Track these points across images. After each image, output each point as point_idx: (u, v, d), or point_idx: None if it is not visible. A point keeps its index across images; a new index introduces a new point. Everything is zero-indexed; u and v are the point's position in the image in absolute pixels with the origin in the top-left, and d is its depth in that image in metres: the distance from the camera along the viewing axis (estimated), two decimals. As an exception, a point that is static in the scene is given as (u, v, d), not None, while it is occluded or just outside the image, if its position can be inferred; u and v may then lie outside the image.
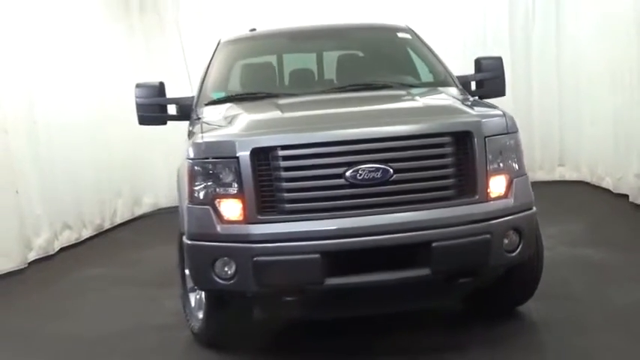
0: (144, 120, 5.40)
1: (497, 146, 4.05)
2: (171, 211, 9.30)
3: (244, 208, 3.90)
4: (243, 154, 3.91)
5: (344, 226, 3.83)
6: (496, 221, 3.98)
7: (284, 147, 3.89)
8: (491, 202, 4.00)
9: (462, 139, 3.99)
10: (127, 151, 9.14)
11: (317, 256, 3.79)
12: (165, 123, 5.44)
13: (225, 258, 3.94)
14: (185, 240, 4.13)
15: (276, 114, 4.37)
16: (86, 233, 8.17)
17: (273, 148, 3.90)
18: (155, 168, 9.64)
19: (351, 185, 3.85)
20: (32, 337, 5.06)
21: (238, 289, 3.95)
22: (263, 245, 3.85)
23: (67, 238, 7.73)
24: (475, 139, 3.98)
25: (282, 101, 4.71)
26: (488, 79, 5.48)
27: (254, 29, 5.99)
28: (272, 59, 5.75)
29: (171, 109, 5.52)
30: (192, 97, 5.35)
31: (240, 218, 3.91)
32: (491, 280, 4.35)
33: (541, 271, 4.55)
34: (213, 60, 5.52)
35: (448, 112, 4.22)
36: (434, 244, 3.84)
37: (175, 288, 5.73)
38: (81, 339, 4.94)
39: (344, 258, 3.83)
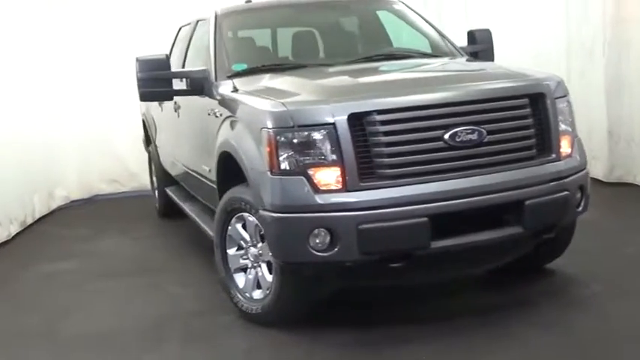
0: (147, 96, 5.07)
1: (562, 107, 4.25)
2: (86, 203, 8.92)
3: (344, 176, 3.80)
4: (340, 120, 3.80)
5: (448, 188, 3.84)
6: (570, 178, 4.17)
7: (382, 111, 3.82)
8: (564, 160, 4.18)
9: (535, 101, 4.12)
10: (40, 144, 8.49)
11: (425, 219, 3.77)
12: (171, 99, 5.13)
13: (323, 229, 3.80)
14: (266, 213, 3.93)
15: (345, 79, 4.29)
16: (14, 229, 7.47)
17: (369, 113, 3.82)
18: (66, 160, 9.04)
19: (450, 147, 3.87)
20: (53, 337, 4.58)
21: (339, 259, 3.84)
22: (368, 212, 3.76)
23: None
24: (548, 101, 4.14)
25: (331, 69, 4.62)
26: (481, 51, 5.68)
27: (249, 1, 5.78)
28: (282, 31, 5.57)
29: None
30: (204, 70, 5.06)
31: (340, 186, 3.80)
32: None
33: (574, 229, 4.79)
34: (218, 32, 5.25)
35: (517, 76, 4.33)
36: (527, 203, 3.95)
37: (168, 274, 5.62)
38: (113, 334, 4.55)
39: (448, 220, 3.84)
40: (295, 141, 3.84)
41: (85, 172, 9.28)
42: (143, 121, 7.89)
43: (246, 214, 4.34)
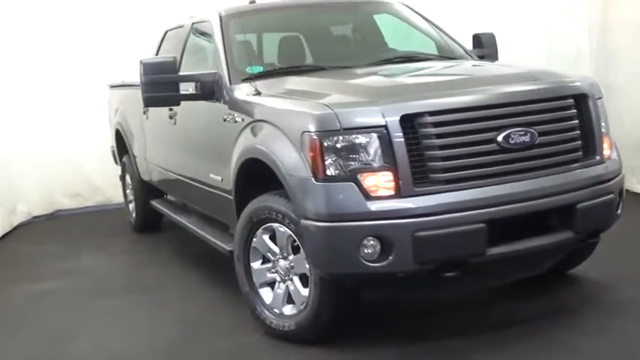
0: (152, 101, 4.76)
1: (601, 109, 4.15)
2: (48, 219, 8.43)
3: (397, 181, 3.58)
4: (392, 121, 3.60)
5: (504, 193, 3.69)
6: (613, 181, 4.08)
7: (436, 112, 3.64)
8: (607, 162, 4.08)
9: (578, 102, 4.02)
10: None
11: (482, 225, 3.60)
12: (178, 104, 4.82)
13: (375, 237, 3.58)
14: (310, 223, 3.69)
15: (382, 80, 4.13)
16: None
17: (421, 114, 3.63)
18: (27, 174, 8.54)
19: (503, 150, 3.72)
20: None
21: (392, 269, 3.62)
22: (425, 219, 3.56)
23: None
24: (590, 102, 4.04)
25: (358, 71, 4.43)
26: (487, 55, 5.59)
27: (253, 1, 5.52)
28: (292, 32, 5.33)
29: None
30: (214, 73, 4.78)
31: (392, 192, 3.59)
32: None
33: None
34: (225, 34, 4.98)
35: (559, 77, 4.21)
36: (578, 206, 3.83)
37: (166, 290, 5.34)
38: (132, 356, 4.20)
39: (504, 225, 3.67)
40: (343, 145, 3.62)
41: (47, 186, 8.80)
42: (117, 131, 7.47)
43: (275, 225, 4.09)
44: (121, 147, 7.60)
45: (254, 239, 4.26)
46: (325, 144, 3.63)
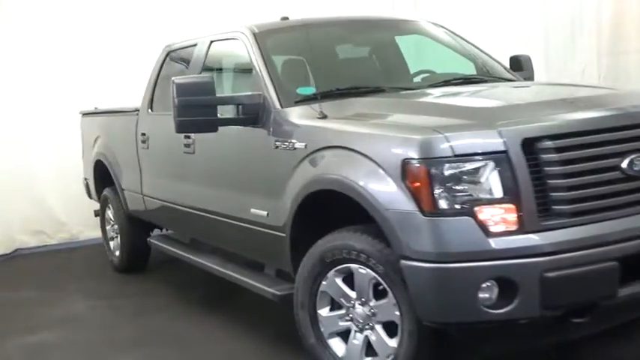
0: (186, 126, 4.21)
1: None
2: (8, 259, 7.60)
3: (520, 214, 3.13)
4: (514, 146, 3.15)
5: (635, 226, 3.28)
6: None
7: (558, 136, 3.22)
8: None
9: None
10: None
11: (614, 263, 3.17)
12: (216, 129, 4.26)
13: (497, 280, 3.11)
14: (416, 264, 3.19)
15: (477, 101, 3.66)
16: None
17: (540, 139, 3.20)
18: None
19: (628, 178, 3.33)
20: None
21: (515, 316, 3.15)
22: (554, 257, 3.11)
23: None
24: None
25: (432, 92, 4.05)
26: (526, 77, 5.28)
27: (286, 18, 5.01)
28: (331, 51, 4.85)
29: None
30: (258, 95, 4.25)
31: (515, 227, 3.13)
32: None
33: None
34: (264, 52, 4.46)
35: None
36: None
37: (190, 344, 4.74)
38: None
39: (634, 263, 3.27)
40: (456, 173, 3.15)
41: (5, 223, 7.96)
42: (99, 162, 6.77)
43: (354, 266, 3.57)
44: (102, 179, 6.90)
45: (323, 282, 3.73)
46: (434, 173, 3.15)
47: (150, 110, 5.83)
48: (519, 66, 5.25)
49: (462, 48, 5.13)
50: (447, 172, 3.15)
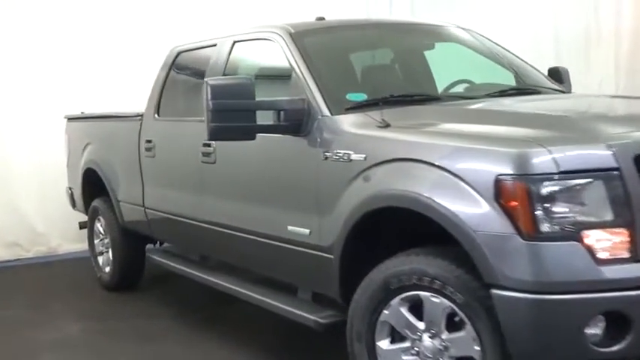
0: (221, 133, 3.76)
1: None
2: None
3: (633, 240, 2.79)
4: (626, 163, 2.81)
5: None
6: None
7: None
8: None
9: None
10: None
11: None
12: (254, 137, 3.82)
13: (608, 314, 2.75)
14: (511, 294, 2.82)
15: (568, 111, 3.34)
16: None
17: None
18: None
19: None
20: None
21: (628, 354, 2.80)
22: (673, 289, 2.77)
23: None
24: None
25: (495, 102, 3.70)
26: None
27: (322, 18, 4.60)
28: (379, 55, 4.46)
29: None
30: (301, 99, 3.83)
31: (627, 254, 2.79)
32: None
33: None
34: (304, 54, 4.05)
35: None
36: None
37: None
38: None
39: None
40: (560, 192, 2.79)
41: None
42: (89, 171, 6.25)
43: (425, 294, 3.18)
44: (91, 189, 6.39)
45: (385, 311, 3.33)
46: (536, 191, 2.78)
47: (157, 115, 5.34)
48: (559, 78, 4.92)
49: (500, 57, 4.78)
50: (550, 191, 2.78)
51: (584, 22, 6.90)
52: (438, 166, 3.08)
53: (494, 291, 2.86)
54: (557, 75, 4.93)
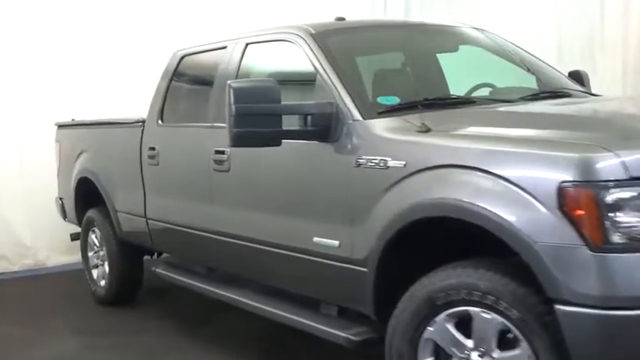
0: (245, 139, 3.53)
1: None
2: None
3: None
4: None
5: None
6: None
7: None
8: None
9: None
10: None
11: None
12: (279, 143, 3.60)
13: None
14: (579, 310, 2.63)
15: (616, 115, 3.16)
16: None
17: None
18: None
19: None
20: None
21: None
22: None
23: None
24: None
25: (536, 106, 3.56)
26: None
27: (342, 18, 4.40)
28: (406, 56, 4.25)
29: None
30: (330, 103, 3.61)
31: None
32: None
33: None
34: (328, 55, 3.83)
35: None
36: None
37: None
38: None
39: None
40: (631, 200, 2.60)
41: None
42: (84, 180, 5.96)
43: (474, 310, 2.97)
44: (85, 199, 6.10)
45: (429, 328, 3.11)
46: (604, 198, 2.59)
47: (160, 121, 5.08)
48: (580, 81, 4.77)
49: (521, 59, 4.62)
50: (619, 198, 2.59)
51: (588, 26, 6.76)
52: (493, 174, 2.88)
53: (559, 307, 2.67)
54: (578, 78, 4.78)
